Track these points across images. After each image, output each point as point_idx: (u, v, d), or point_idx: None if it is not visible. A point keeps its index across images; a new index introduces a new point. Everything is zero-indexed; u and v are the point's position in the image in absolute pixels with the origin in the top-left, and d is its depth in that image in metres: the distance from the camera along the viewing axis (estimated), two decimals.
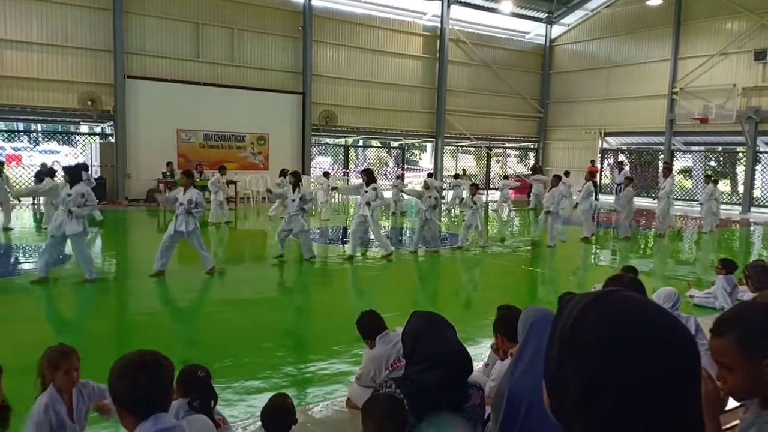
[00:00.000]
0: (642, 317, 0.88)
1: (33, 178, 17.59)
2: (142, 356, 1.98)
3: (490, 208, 20.38)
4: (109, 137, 19.40)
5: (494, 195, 24.78)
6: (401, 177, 19.75)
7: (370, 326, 4.20)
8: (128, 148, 18.27)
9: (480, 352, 5.27)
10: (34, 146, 23.75)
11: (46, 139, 24.26)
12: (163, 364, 1.97)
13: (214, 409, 3.08)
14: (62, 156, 22.43)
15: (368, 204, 10.19)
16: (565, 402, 0.89)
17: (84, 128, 21.11)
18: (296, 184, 9.94)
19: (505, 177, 23.68)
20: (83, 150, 20.82)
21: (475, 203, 11.60)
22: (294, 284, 9.20)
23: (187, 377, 3.00)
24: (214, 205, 14.43)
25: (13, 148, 22.45)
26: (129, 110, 18.28)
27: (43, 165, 17.88)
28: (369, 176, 10.53)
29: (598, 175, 24.30)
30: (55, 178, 13.08)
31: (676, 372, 0.85)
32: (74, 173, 8.12)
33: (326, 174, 18.76)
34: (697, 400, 0.88)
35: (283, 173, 15.50)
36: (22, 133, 23.56)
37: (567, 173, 23.35)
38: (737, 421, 2.59)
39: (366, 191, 10.34)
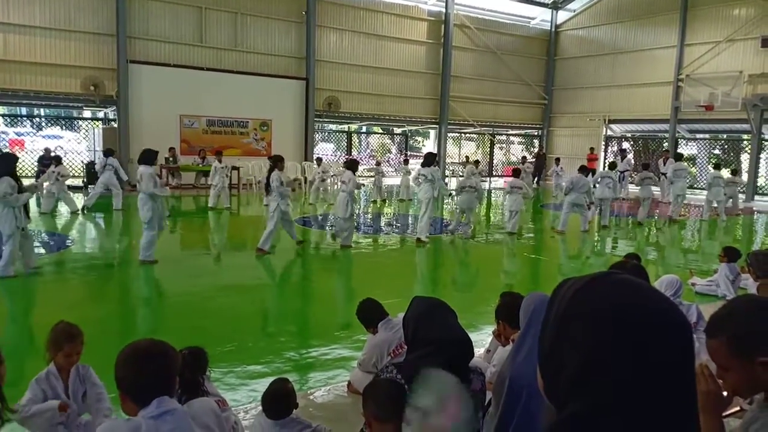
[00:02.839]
0: (637, 299, 0.88)
1: (36, 164, 17.69)
2: (150, 345, 2.00)
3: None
4: (112, 122, 19.37)
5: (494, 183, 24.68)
6: (380, 164, 19.83)
7: (370, 314, 4.21)
8: (131, 133, 18.23)
9: (482, 338, 5.28)
10: (37, 131, 23.77)
11: (49, 124, 24.28)
12: (170, 354, 2.00)
13: (203, 385, 3.05)
14: (65, 141, 22.50)
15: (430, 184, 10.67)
16: (558, 383, 0.89)
17: (87, 113, 21.11)
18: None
19: (467, 159, 23.60)
20: (86, 135, 20.83)
21: (519, 188, 11.88)
22: (296, 270, 9.22)
23: None
24: (214, 191, 14.75)
25: (16, 133, 22.45)
26: (132, 95, 18.23)
27: (47, 150, 17.97)
28: (427, 159, 11.11)
29: (597, 163, 24.18)
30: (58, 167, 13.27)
31: (670, 352, 0.85)
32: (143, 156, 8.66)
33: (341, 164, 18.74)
34: (691, 384, 0.88)
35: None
36: (24, 118, 23.57)
37: (558, 160, 23.42)
38: (736, 408, 2.59)
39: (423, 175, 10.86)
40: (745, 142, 23.14)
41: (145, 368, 1.92)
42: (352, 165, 10.25)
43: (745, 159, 22.94)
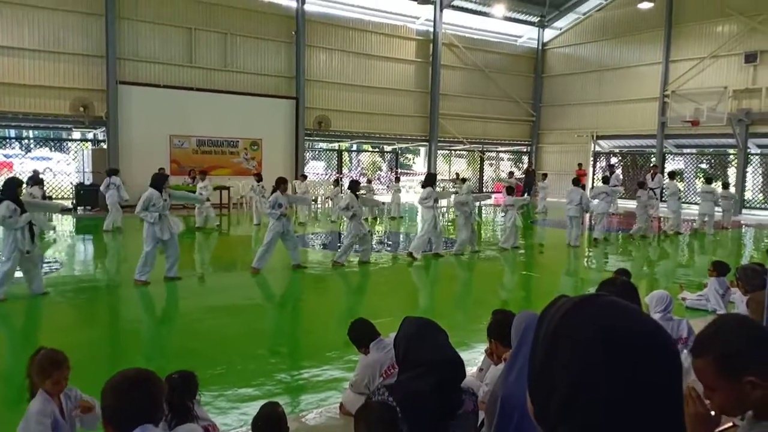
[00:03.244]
0: (624, 321, 0.89)
1: (25, 185, 17.56)
2: (136, 374, 2.04)
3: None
4: (102, 143, 19.32)
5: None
6: (371, 181, 19.96)
7: (362, 334, 4.19)
8: (120, 154, 18.19)
9: (474, 356, 5.27)
10: (26, 153, 23.64)
11: (38, 146, 24.18)
12: (155, 383, 2.01)
13: (193, 410, 3.03)
14: (54, 162, 22.41)
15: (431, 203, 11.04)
16: (548, 407, 0.89)
17: (76, 134, 21.03)
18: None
19: (457, 176, 23.70)
20: (75, 156, 20.74)
21: (512, 205, 12.30)
22: (287, 290, 9.17)
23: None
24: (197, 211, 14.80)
25: (4, 155, 22.32)
26: (121, 116, 18.22)
27: (35, 172, 17.88)
28: (427, 180, 11.61)
29: (586, 178, 24.36)
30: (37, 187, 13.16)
31: (658, 374, 0.86)
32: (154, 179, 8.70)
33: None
34: (680, 404, 0.88)
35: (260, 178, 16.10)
36: (13, 140, 23.46)
37: (545, 176, 23.58)
38: (728, 424, 2.59)
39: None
40: (731, 156, 23.42)
41: (127, 397, 1.94)
42: (352, 185, 10.71)
43: (731, 173, 23.18)
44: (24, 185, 13.02)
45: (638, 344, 0.86)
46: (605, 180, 15.50)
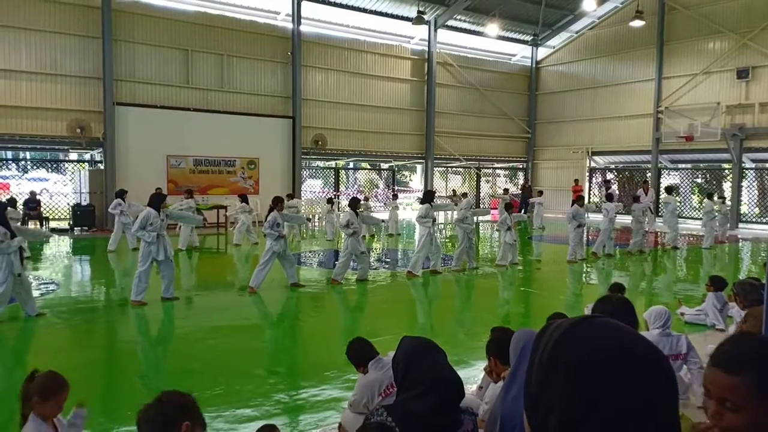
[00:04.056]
0: (618, 342, 0.89)
1: (22, 207, 17.57)
2: (163, 393, 2.32)
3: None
4: (99, 164, 19.36)
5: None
6: (368, 199, 19.94)
7: (360, 354, 4.17)
8: (118, 174, 18.21)
9: (474, 374, 5.24)
10: (23, 174, 23.65)
11: (35, 167, 24.20)
12: (172, 401, 2.24)
13: None
14: (51, 183, 22.41)
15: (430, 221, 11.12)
16: (545, 430, 0.89)
17: (73, 155, 21.06)
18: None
19: (454, 193, 23.78)
20: (72, 177, 20.76)
21: (503, 222, 12.34)
22: (284, 309, 9.13)
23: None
24: (184, 231, 14.46)
25: (1, 177, 22.33)
26: (118, 137, 18.27)
27: (32, 193, 17.89)
28: (425, 196, 11.76)
29: (583, 193, 24.44)
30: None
31: (654, 394, 0.86)
32: (151, 199, 8.86)
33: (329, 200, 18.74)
34: (676, 424, 0.89)
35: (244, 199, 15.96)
36: (10, 162, 23.49)
37: (540, 192, 23.72)
38: None
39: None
40: (726, 170, 23.56)
41: (150, 411, 2.19)
42: (351, 203, 10.80)
43: (727, 187, 23.29)
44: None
45: (633, 366, 0.86)
46: (609, 197, 15.63)
